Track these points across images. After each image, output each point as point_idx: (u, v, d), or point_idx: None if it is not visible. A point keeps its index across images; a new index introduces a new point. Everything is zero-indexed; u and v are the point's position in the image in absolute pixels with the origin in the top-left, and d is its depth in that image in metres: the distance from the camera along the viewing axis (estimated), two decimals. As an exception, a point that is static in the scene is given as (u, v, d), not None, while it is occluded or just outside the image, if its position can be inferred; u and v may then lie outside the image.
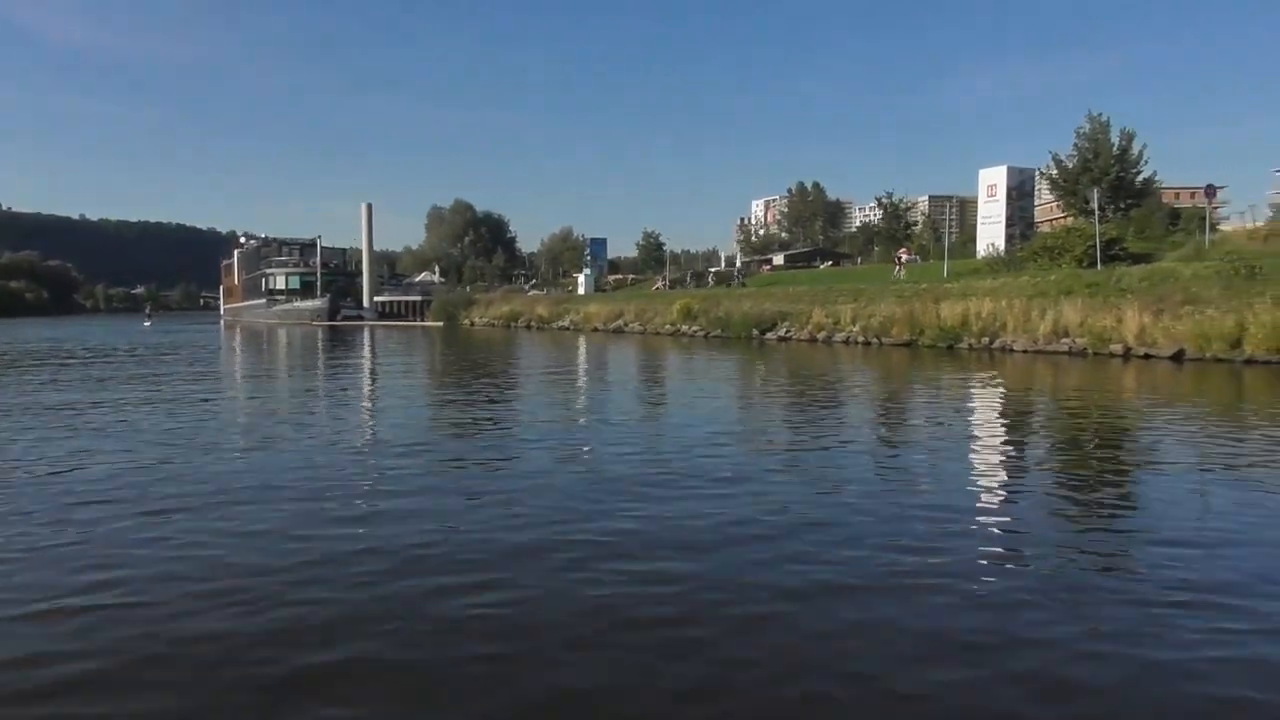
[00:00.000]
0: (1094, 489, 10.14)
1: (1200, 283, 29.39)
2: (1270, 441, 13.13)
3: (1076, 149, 55.26)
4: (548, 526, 8.16)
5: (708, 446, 12.57)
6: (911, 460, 12.03)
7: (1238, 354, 24.86)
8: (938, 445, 13.22)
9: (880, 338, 36.62)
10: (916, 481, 10.38)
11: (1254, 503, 9.11)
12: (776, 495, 9.41)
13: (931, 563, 7.05)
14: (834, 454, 12.20)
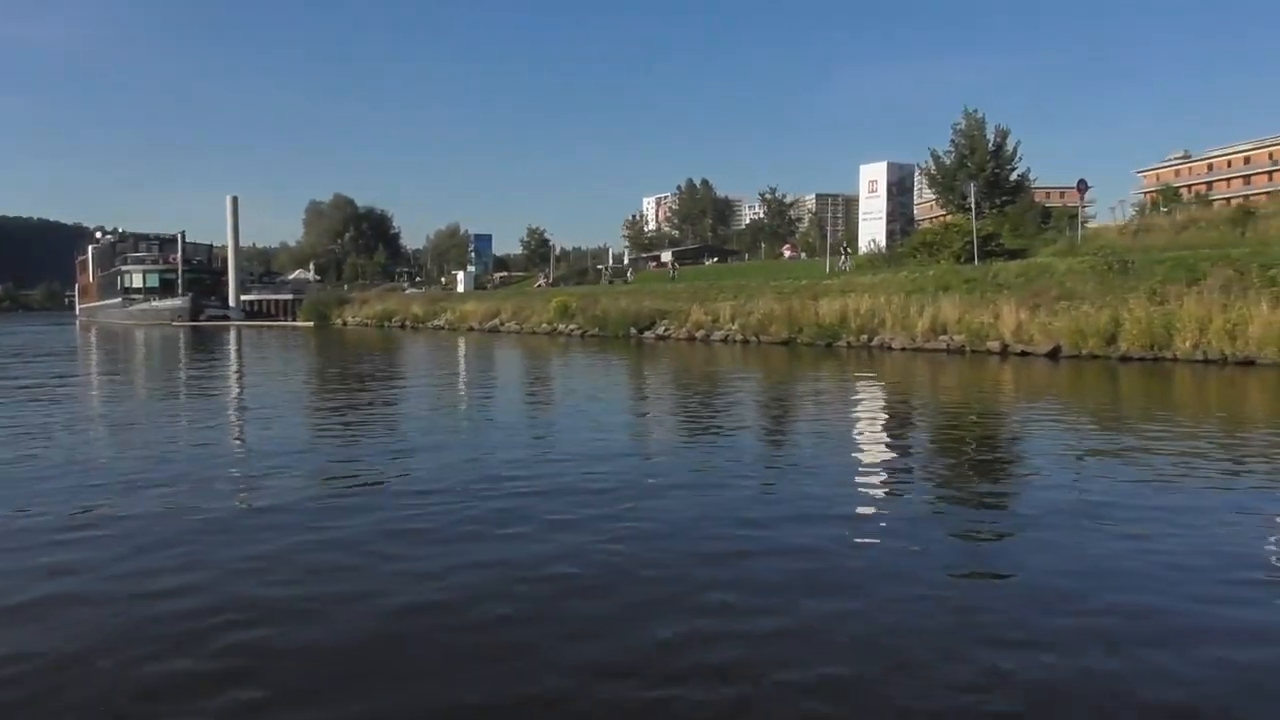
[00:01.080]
0: (972, 487, 10.05)
1: (1075, 278, 28.96)
2: (1144, 437, 12.85)
3: (954, 145, 55.40)
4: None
5: (580, 461, 11.01)
6: (792, 462, 11.71)
7: (1113, 351, 24.33)
8: (815, 448, 12.75)
9: (759, 336, 35.39)
10: (798, 483, 10.06)
11: (1130, 496, 9.07)
12: (665, 508, 8.80)
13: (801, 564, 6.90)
14: (716, 455, 11.84)
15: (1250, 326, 22.06)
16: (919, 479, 10.57)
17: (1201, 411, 16.68)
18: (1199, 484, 9.53)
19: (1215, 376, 21.14)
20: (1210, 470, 10.25)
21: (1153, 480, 9.78)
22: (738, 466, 10.96)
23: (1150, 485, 9.55)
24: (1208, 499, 8.89)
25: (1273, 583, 6.47)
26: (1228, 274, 25.02)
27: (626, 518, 8.30)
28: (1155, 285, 25.73)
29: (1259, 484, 9.85)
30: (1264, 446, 12.26)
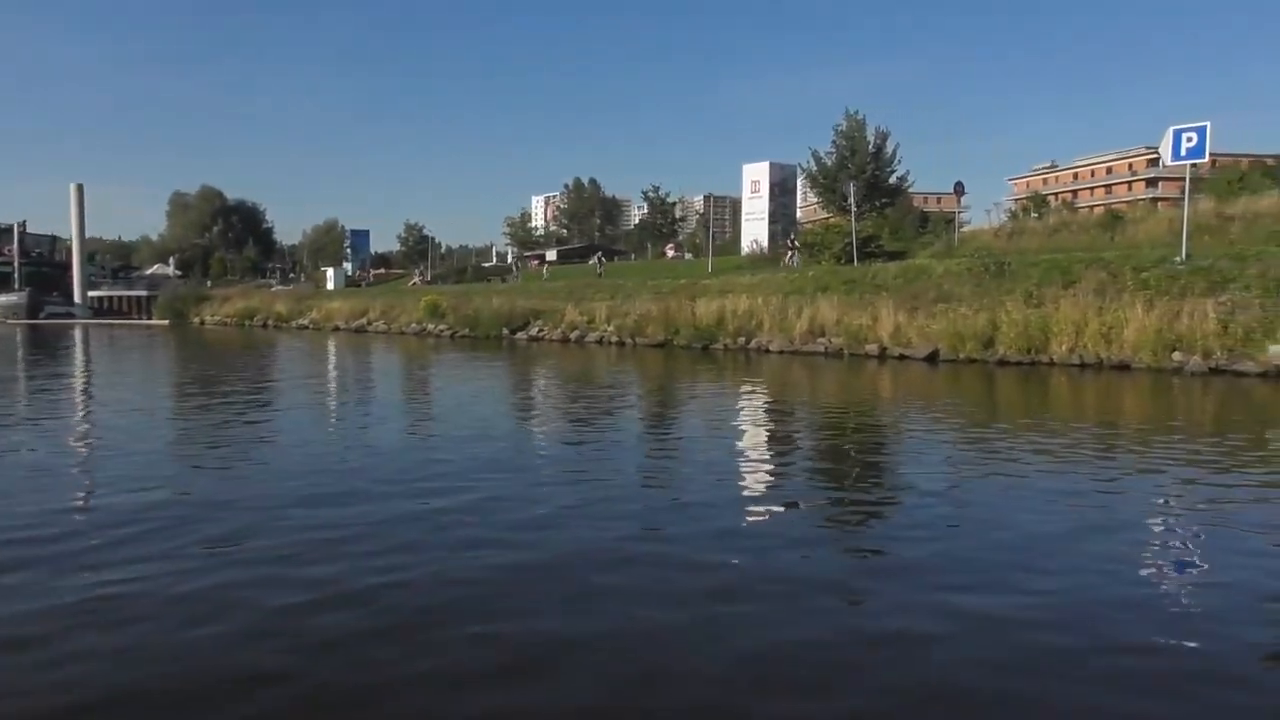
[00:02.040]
0: (851, 490, 9.79)
1: (952, 279, 28.41)
2: (1022, 442, 12.66)
3: (835, 147, 55.24)
4: None
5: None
6: (670, 469, 11.14)
7: (991, 354, 23.69)
8: (694, 458, 11.81)
9: (635, 338, 33.92)
10: (679, 490, 9.67)
11: (1007, 502, 8.91)
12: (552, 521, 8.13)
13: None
14: (598, 461, 11.44)
15: (1125, 330, 21.64)
16: (803, 485, 10.23)
17: (1078, 415, 15.93)
18: (1072, 484, 9.51)
19: (1091, 380, 20.63)
20: (1085, 472, 10.16)
21: (1029, 483, 9.67)
22: (616, 473, 10.48)
23: (1028, 489, 9.40)
24: (1082, 497, 8.87)
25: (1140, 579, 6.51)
26: (1101, 276, 24.73)
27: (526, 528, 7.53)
28: (1031, 287, 25.29)
29: (1129, 488, 9.61)
30: (1139, 450, 11.97)
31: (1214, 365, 20.02)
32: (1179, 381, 19.61)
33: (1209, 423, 15.12)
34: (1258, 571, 6.67)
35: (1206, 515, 8.37)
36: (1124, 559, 6.92)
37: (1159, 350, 20.87)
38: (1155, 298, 22.43)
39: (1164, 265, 24.11)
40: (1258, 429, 14.03)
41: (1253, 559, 6.99)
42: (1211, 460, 11.02)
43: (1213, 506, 8.64)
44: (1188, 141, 24.24)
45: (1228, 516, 8.25)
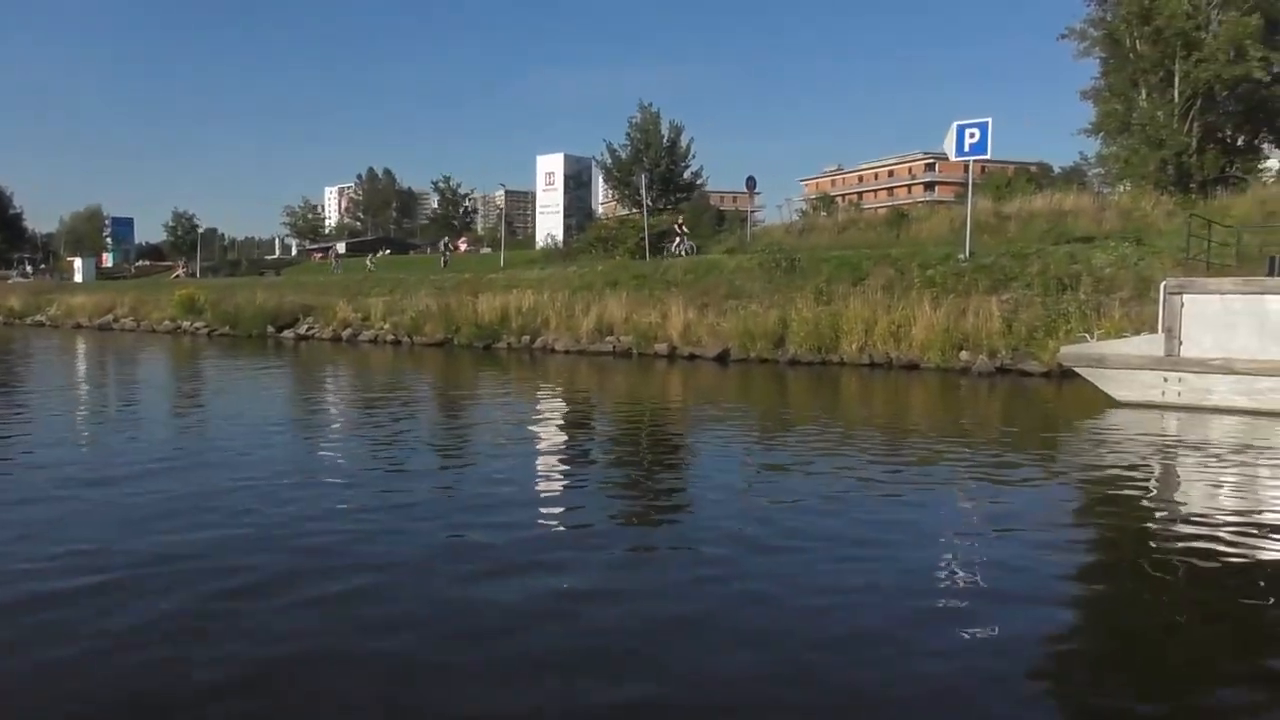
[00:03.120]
0: (643, 503, 9.16)
1: (744, 275, 27.36)
2: (808, 441, 12.43)
3: (630, 140, 53.97)
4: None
5: None
6: (454, 480, 10.21)
7: (782, 354, 22.63)
8: (478, 470, 10.68)
9: (412, 336, 31.12)
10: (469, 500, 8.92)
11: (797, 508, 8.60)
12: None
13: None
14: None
15: (914, 328, 21.01)
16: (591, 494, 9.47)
17: (868, 416, 14.83)
18: (861, 483, 9.51)
19: (881, 380, 19.85)
20: (872, 474, 10.03)
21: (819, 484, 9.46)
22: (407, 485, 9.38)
23: (820, 488, 9.26)
24: (867, 501, 8.84)
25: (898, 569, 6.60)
26: (889, 273, 24.21)
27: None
28: (821, 284, 24.47)
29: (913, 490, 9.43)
30: (921, 452, 11.61)
31: (1000, 365, 19.61)
32: (966, 382, 19.04)
33: (992, 423, 14.32)
34: (1027, 558, 6.91)
35: (984, 511, 8.47)
36: (909, 555, 7.06)
37: (947, 349, 20.33)
38: (941, 295, 22.00)
39: (949, 262, 23.83)
40: (1035, 428, 13.34)
41: (1027, 549, 7.15)
42: (992, 459, 10.86)
43: (991, 503, 8.69)
44: (970, 137, 24.09)
45: (1002, 513, 8.32)
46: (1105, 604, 6.23)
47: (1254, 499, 9.16)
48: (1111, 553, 7.39)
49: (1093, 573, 6.89)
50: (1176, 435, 12.49)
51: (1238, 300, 12.95)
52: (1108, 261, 21.30)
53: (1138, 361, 13.71)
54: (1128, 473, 10.33)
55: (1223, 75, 35.47)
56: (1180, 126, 37.10)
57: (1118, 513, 8.50)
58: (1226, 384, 12.97)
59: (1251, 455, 10.90)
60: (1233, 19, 35.02)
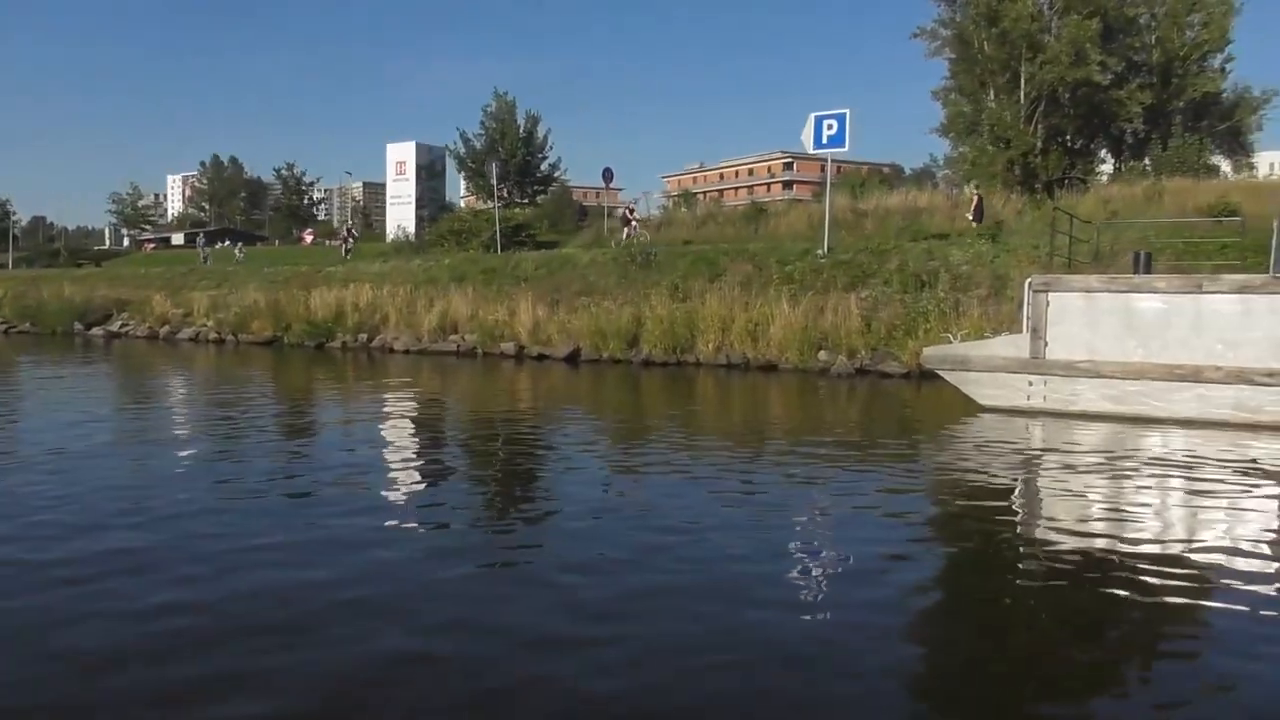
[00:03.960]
0: (498, 512, 8.59)
1: (598, 270, 25.96)
2: (657, 446, 11.78)
3: (484, 128, 51.97)
4: None
5: None
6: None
7: (635, 354, 21.36)
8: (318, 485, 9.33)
9: (238, 334, 28.46)
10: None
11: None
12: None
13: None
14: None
15: (772, 327, 20.06)
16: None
17: (723, 419, 13.65)
18: (713, 486, 9.24)
19: (738, 382, 18.81)
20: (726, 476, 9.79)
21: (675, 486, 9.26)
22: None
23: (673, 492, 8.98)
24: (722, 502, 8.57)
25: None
26: (747, 269, 23.26)
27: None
28: (677, 280, 23.34)
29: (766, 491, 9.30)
30: (778, 459, 11.02)
31: (860, 365, 18.84)
32: (825, 383, 18.18)
33: (851, 428, 13.31)
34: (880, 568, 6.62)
35: (839, 519, 8.16)
36: (761, 549, 7.04)
37: (805, 349, 19.46)
38: (800, 292, 21.16)
39: (808, 258, 23.05)
40: (895, 435, 12.48)
41: (880, 559, 6.82)
42: (850, 467, 10.36)
43: (848, 510, 8.38)
44: (828, 129, 23.36)
45: (859, 521, 7.97)
46: (955, 610, 6.06)
47: (1109, 511, 8.39)
48: (964, 564, 7.05)
49: (942, 583, 6.55)
50: (1035, 442, 11.71)
51: (1105, 298, 12.33)
52: (965, 258, 20.87)
53: (1002, 364, 12.96)
54: (985, 482, 9.55)
55: (1065, 78, 36.36)
56: (1026, 128, 37.89)
57: (975, 522, 8.04)
58: (1093, 388, 12.32)
59: (1113, 464, 10.15)
60: (1073, 22, 35.87)
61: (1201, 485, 9.11)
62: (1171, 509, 8.48)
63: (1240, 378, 11.39)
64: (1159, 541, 7.28)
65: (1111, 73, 38.04)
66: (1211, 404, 11.63)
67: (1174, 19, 41.29)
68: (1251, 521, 8.09)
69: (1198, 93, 41.45)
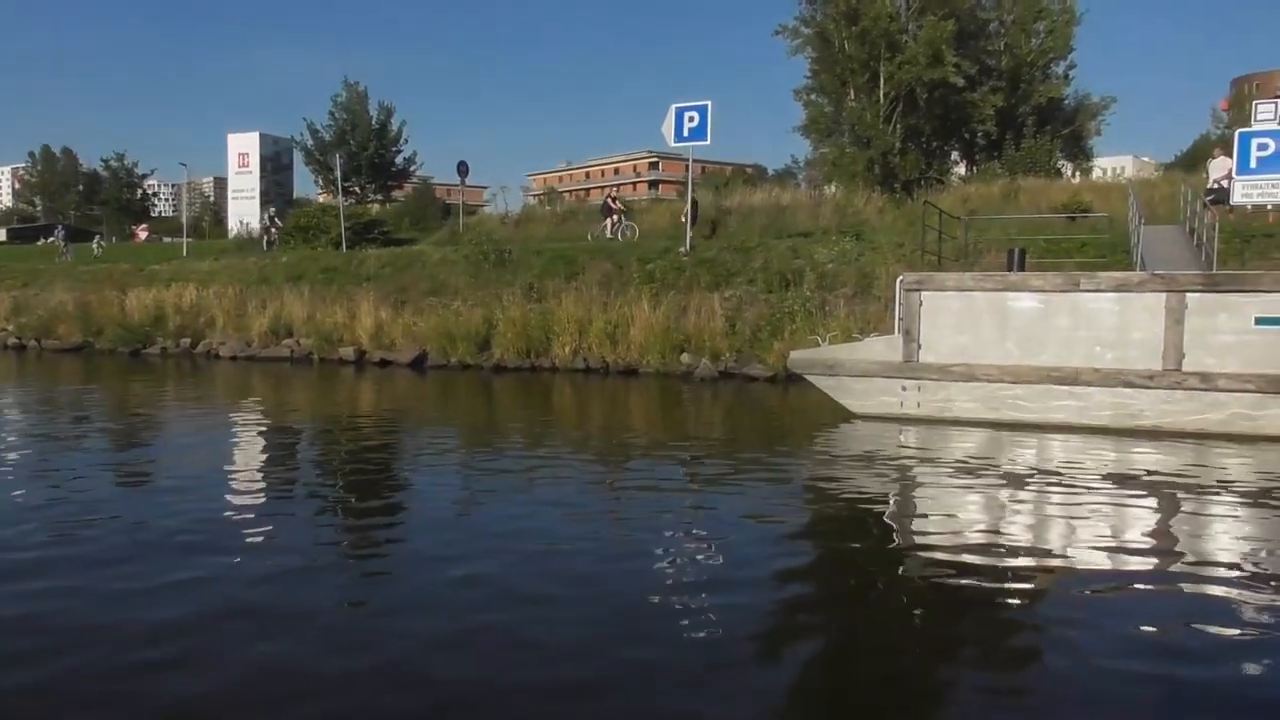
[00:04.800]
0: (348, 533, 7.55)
1: (448, 269, 24.25)
2: (517, 457, 11.06)
3: (333, 119, 49.12)
4: None
5: None
6: None
7: (486, 358, 19.81)
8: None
9: (41, 340, 25.45)
10: None
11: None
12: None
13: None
14: None
15: (631, 329, 18.86)
16: None
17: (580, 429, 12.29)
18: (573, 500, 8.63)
19: (597, 387, 17.57)
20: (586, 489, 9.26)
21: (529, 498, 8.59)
22: None
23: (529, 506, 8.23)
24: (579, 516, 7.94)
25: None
26: (606, 268, 22.02)
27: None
28: (533, 279, 21.91)
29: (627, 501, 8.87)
30: (635, 470, 10.29)
31: (724, 368, 17.83)
32: (688, 388, 17.08)
33: (713, 436, 12.22)
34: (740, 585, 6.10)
35: (696, 535, 7.48)
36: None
37: (667, 352, 18.34)
38: (662, 292, 20.06)
39: (669, 256, 21.96)
40: (759, 444, 11.43)
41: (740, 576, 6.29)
42: (705, 472, 9.82)
43: (707, 526, 7.72)
44: (690, 121, 22.33)
45: (714, 529, 7.57)
46: (820, 626, 5.64)
47: (977, 525, 7.64)
48: (829, 579, 6.59)
49: (807, 599, 6.14)
50: (907, 451, 10.81)
51: (980, 297, 11.57)
52: (830, 256, 20.18)
53: (874, 368, 12.05)
54: (853, 495, 8.63)
55: (923, 78, 36.57)
56: (885, 128, 37.99)
57: (841, 538, 7.49)
58: (968, 393, 11.53)
59: (984, 475, 9.31)
60: (930, 23, 36.13)
61: (1075, 496, 8.39)
62: (1043, 521, 7.74)
63: (1119, 380, 10.78)
64: (1025, 555, 6.66)
65: (966, 75, 38.55)
66: (1090, 409, 10.98)
67: (1021, 26, 42.46)
68: (1125, 532, 7.41)
69: (1043, 98, 42.68)
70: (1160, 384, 10.63)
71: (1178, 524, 7.79)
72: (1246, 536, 7.41)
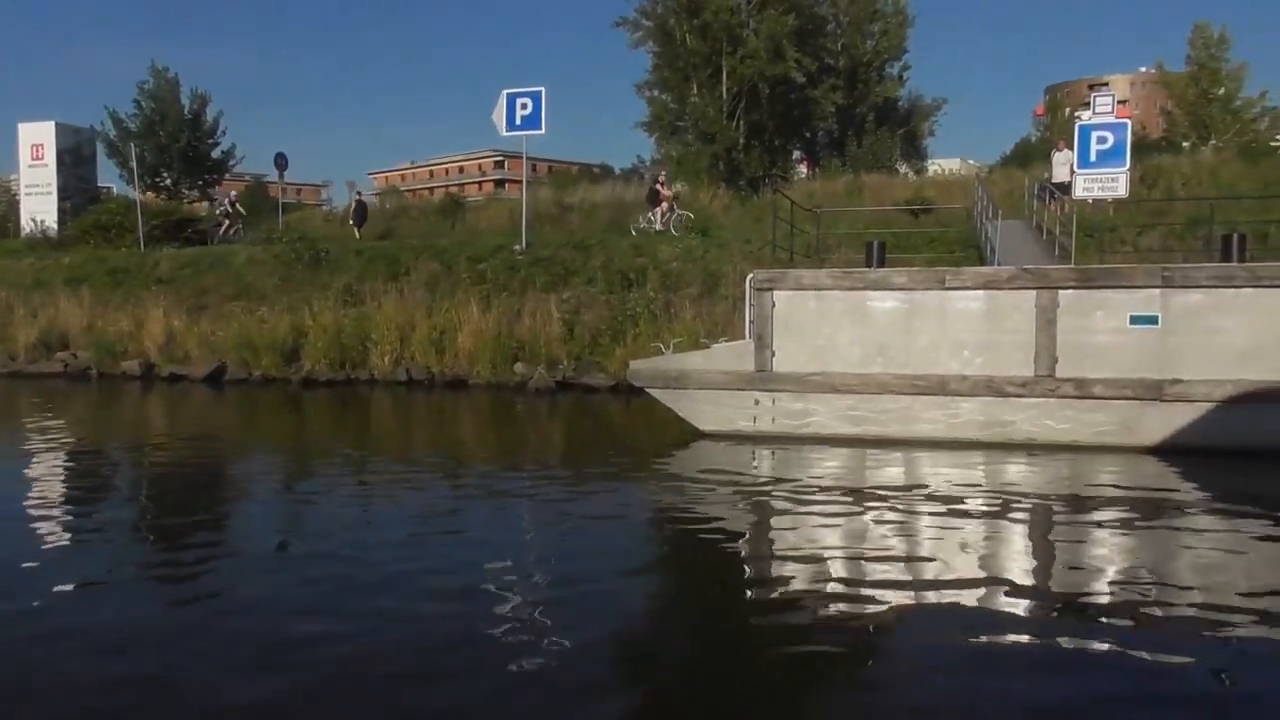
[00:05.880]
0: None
1: (257, 270, 21.75)
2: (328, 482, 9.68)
3: (140, 108, 44.80)
4: None
5: None
6: None
7: (295, 371, 17.58)
8: None
9: None
10: None
11: None
12: None
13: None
14: None
15: (460, 335, 17.04)
16: None
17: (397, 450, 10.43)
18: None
19: (421, 401, 15.76)
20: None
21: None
22: None
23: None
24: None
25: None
26: (434, 268, 20.10)
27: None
28: (351, 281, 19.77)
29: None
30: (455, 493, 9.17)
31: (562, 378, 16.22)
32: (523, 401, 15.41)
33: (547, 454, 10.60)
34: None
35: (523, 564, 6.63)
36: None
37: (499, 362, 16.60)
38: (494, 293, 18.32)
39: (503, 254, 20.20)
40: (597, 461, 10.03)
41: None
42: (537, 500, 8.62)
43: (536, 553, 7.05)
44: (523, 109, 20.58)
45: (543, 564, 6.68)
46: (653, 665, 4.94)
47: (827, 554, 6.63)
48: (667, 617, 5.87)
49: (641, 636, 5.36)
50: (759, 474, 9.51)
51: (838, 297, 10.35)
52: (674, 254, 18.91)
53: (723, 379, 10.66)
54: (697, 525, 7.45)
55: (765, 73, 36.02)
56: (729, 124, 37.29)
57: (682, 572, 6.71)
58: (828, 405, 10.30)
59: (842, 498, 8.09)
60: (771, 17, 35.62)
61: (937, 519, 7.40)
62: (899, 547, 6.75)
63: (989, 389, 9.75)
64: (876, 586, 5.83)
65: (806, 72, 38.36)
66: (959, 421, 9.92)
67: (857, 26, 42.89)
68: (984, 557, 6.55)
69: (880, 98, 43.21)
70: (1033, 392, 9.64)
71: (1041, 547, 7.00)
72: (1111, 557, 6.61)
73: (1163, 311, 9.37)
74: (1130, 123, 19.08)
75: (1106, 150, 17.61)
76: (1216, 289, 9.21)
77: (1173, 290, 9.30)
